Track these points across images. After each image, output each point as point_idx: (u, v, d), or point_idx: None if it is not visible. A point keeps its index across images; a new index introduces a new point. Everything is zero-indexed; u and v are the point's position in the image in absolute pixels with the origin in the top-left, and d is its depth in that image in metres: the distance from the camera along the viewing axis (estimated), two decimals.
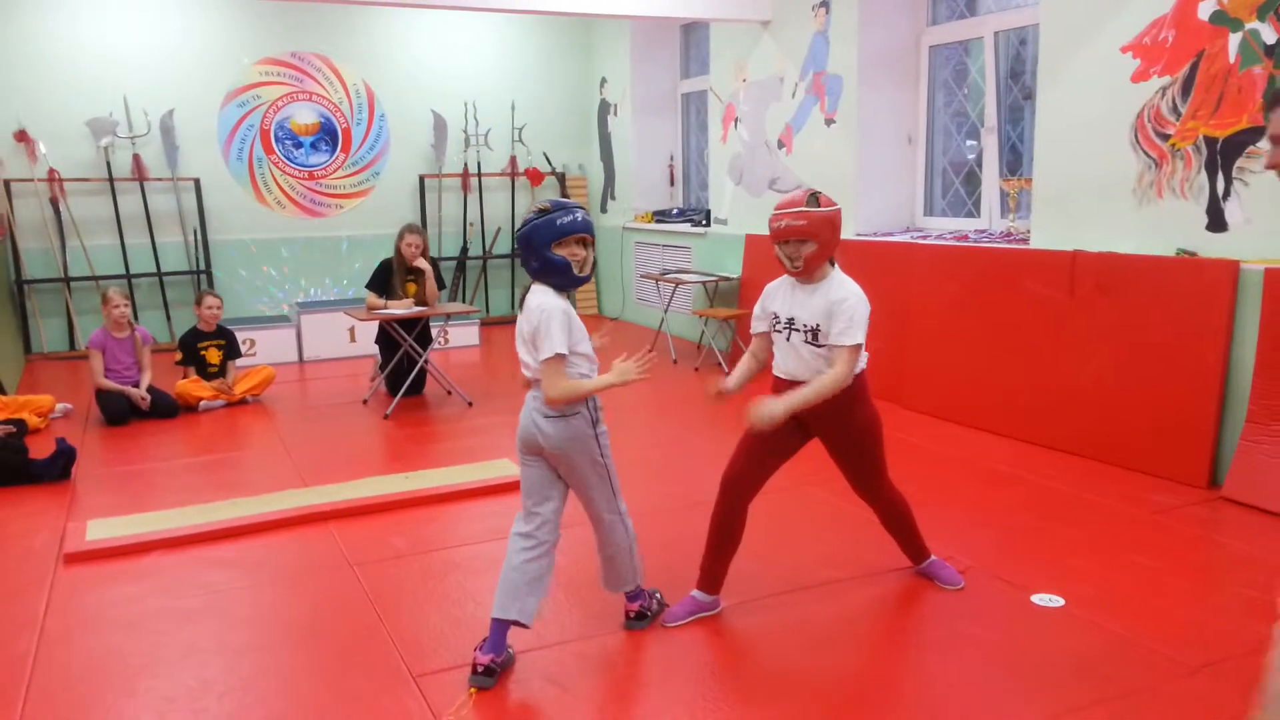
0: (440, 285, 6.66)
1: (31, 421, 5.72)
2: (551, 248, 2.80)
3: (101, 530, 4.11)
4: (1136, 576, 3.52)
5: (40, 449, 5.17)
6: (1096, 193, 4.97)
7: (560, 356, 2.77)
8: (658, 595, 3.27)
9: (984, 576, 3.52)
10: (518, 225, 2.90)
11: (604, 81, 9.87)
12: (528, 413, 2.90)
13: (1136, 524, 4.04)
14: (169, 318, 8.60)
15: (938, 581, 3.46)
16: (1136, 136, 4.75)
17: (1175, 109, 4.57)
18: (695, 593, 3.25)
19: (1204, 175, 4.48)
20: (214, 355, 6.58)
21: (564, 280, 2.86)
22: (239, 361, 6.76)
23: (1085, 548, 3.79)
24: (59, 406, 6.18)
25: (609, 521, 3.04)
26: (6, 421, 5.36)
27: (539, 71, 9.89)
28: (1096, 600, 3.31)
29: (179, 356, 6.58)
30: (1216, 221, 4.46)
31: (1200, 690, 2.75)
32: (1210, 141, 4.45)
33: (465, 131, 9.57)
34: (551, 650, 3.05)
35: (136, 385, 6.14)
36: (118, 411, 6.02)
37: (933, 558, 3.51)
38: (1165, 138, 4.62)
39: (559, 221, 2.80)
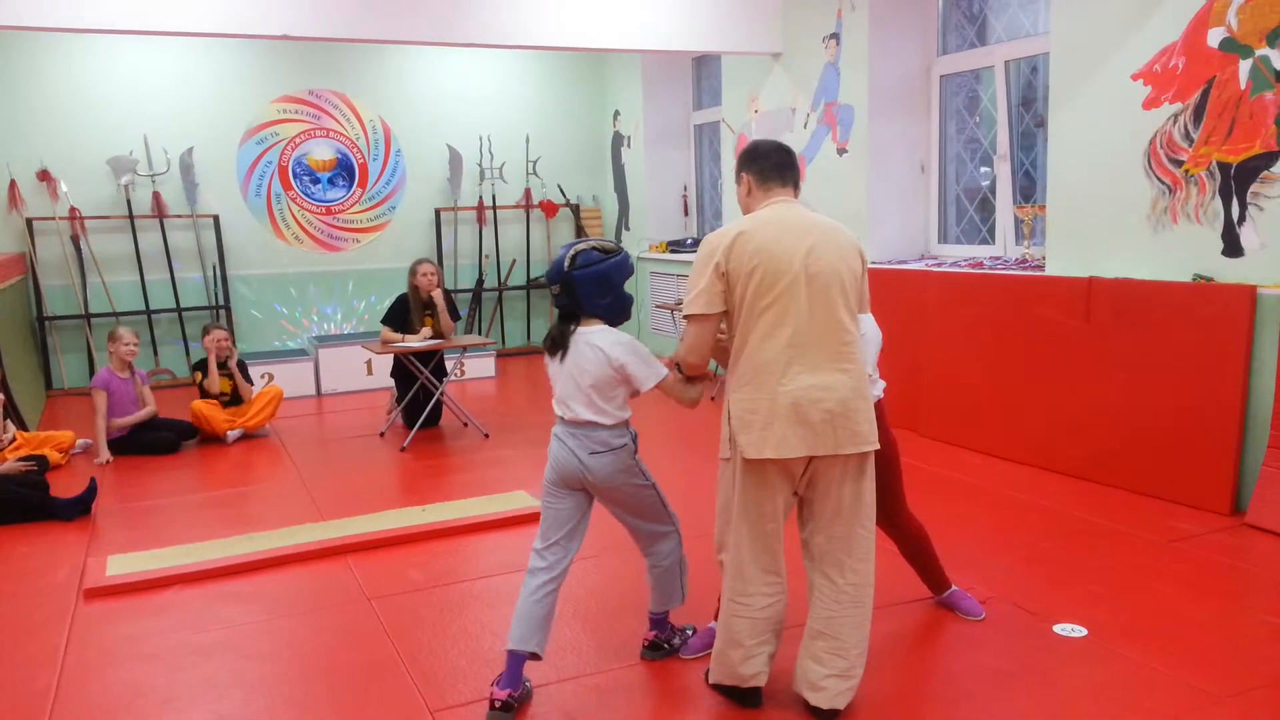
0: (455, 316, 6.69)
1: (52, 457, 5.75)
2: (623, 285, 2.94)
3: (121, 565, 4.13)
4: (1159, 605, 3.48)
5: (61, 485, 5.20)
6: (1111, 219, 4.96)
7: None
8: (688, 631, 3.26)
9: (1005, 606, 3.49)
10: (566, 265, 2.89)
11: (617, 114, 9.95)
12: (567, 450, 2.92)
13: (1158, 551, 4.00)
14: (188, 353, 8.65)
15: (958, 612, 3.43)
16: (1150, 163, 4.75)
17: (1188, 135, 4.57)
18: (714, 624, 3.23)
19: (1218, 201, 4.48)
20: (225, 384, 6.66)
21: (625, 315, 2.98)
22: (251, 388, 6.84)
23: (1106, 576, 3.75)
24: (79, 442, 6.22)
25: (663, 533, 3.10)
26: (28, 458, 5.40)
27: (552, 105, 9.98)
28: (1119, 629, 3.28)
29: (198, 377, 6.64)
30: (1232, 247, 4.44)
31: None
32: (1224, 167, 4.44)
33: (480, 165, 9.65)
34: (568, 684, 3.04)
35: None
36: (145, 444, 6.13)
37: (953, 588, 3.48)
38: (1179, 164, 4.63)
39: (629, 261, 2.96)
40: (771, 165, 2.85)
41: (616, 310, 2.95)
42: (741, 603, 2.78)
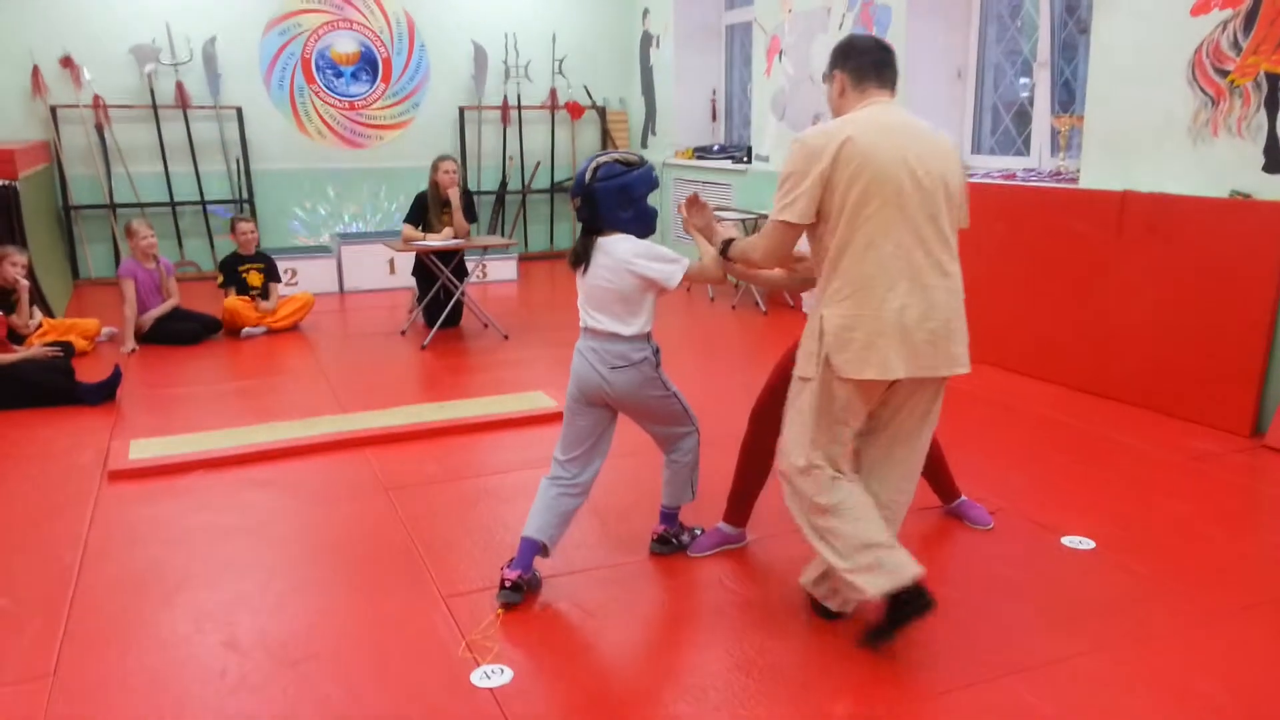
0: (472, 218, 6.61)
1: (78, 344, 5.82)
2: (646, 199, 2.90)
3: (144, 450, 4.20)
4: (1171, 521, 3.48)
5: (86, 371, 5.28)
6: (1150, 131, 4.81)
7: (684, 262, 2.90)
8: (698, 531, 3.29)
9: (1014, 518, 3.50)
10: (588, 178, 2.85)
11: (646, 13, 9.69)
12: (588, 364, 2.92)
13: (1175, 470, 3.98)
14: (212, 245, 8.68)
15: (967, 521, 3.45)
16: (1194, 73, 4.58)
17: (1236, 44, 4.39)
18: (722, 525, 3.27)
19: (1263, 113, 4.32)
20: (255, 278, 6.71)
21: (648, 228, 2.94)
22: (279, 289, 6.86)
23: (1120, 492, 3.75)
24: (104, 330, 6.30)
25: (683, 433, 3.13)
26: (54, 344, 5.47)
27: (580, 2, 9.73)
28: (1129, 543, 3.28)
29: (220, 279, 6.71)
30: (1274, 161, 4.30)
31: (1235, 633, 2.73)
32: (1271, 78, 4.28)
33: (505, 63, 9.47)
34: (578, 576, 3.09)
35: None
36: (169, 334, 6.22)
37: (963, 497, 3.49)
38: (1224, 74, 4.46)
39: (653, 174, 2.91)
40: (869, 63, 2.62)
41: (639, 223, 2.91)
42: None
